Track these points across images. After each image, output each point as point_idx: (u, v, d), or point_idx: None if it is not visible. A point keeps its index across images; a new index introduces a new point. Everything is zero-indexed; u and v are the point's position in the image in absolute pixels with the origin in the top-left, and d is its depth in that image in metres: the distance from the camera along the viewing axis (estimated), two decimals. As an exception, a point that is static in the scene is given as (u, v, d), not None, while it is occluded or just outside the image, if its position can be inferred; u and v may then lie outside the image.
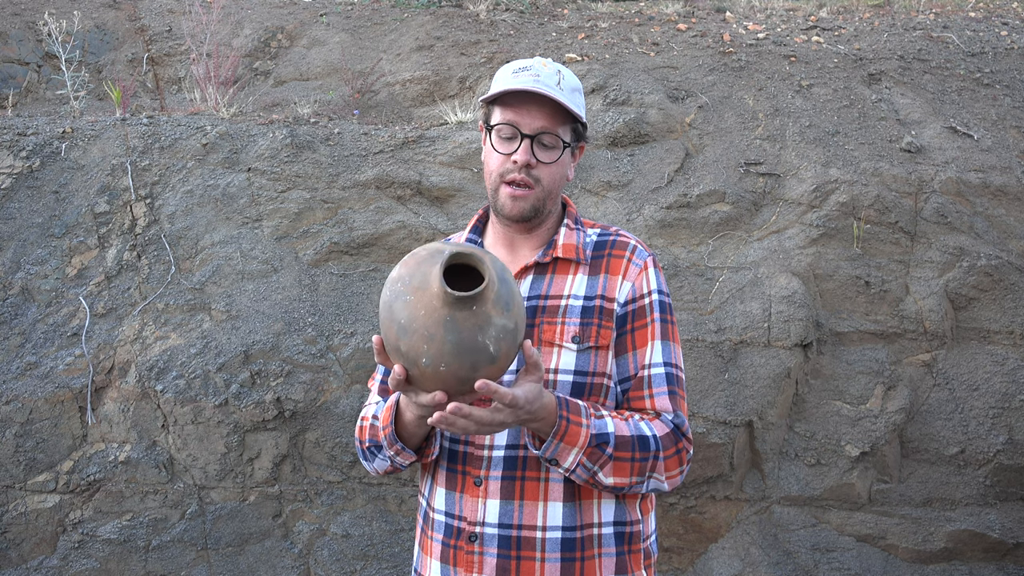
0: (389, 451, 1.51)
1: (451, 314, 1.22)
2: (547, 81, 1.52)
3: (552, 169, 1.56)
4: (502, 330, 1.25)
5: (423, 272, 1.26)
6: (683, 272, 3.68)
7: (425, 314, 1.23)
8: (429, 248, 1.31)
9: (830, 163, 3.94)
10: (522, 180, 1.54)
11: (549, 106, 1.53)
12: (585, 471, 1.41)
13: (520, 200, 1.55)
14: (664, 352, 1.53)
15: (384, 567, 3.27)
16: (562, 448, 1.39)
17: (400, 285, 1.27)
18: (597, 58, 4.66)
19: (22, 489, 3.19)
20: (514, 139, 1.55)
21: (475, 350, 1.23)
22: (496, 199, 1.58)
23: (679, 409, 1.52)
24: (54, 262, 3.52)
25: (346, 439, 3.30)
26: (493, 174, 1.57)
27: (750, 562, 3.34)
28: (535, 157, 1.54)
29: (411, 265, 1.29)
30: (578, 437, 1.39)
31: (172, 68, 5.39)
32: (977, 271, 3.66)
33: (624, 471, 1.42)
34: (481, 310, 1.22)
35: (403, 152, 3.99)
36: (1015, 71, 4.63)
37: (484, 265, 1.25)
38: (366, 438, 1.57)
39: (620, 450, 1.41)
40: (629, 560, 1.51)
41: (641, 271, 1.57)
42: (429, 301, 1.23)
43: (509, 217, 1.57)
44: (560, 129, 1.55)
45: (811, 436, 3.45)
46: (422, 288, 1.24)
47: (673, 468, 1.48)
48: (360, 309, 3.52)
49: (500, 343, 1.24)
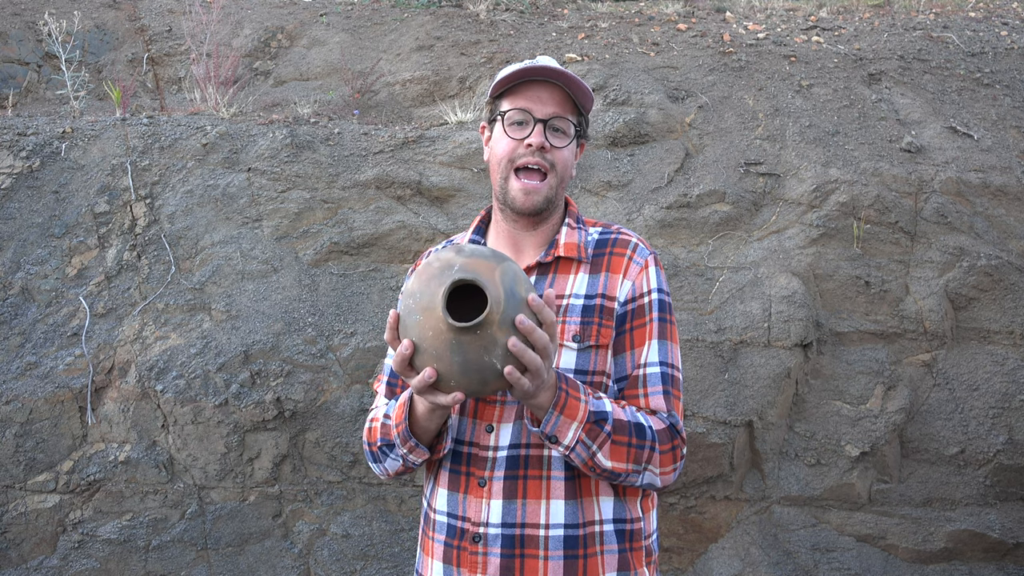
0: (402, 448, 1.50)
1: (456, 338, 1.25)
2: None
3: (564, 154, 1.57)
4: (508, 347, 1.27)
5: (431, 292, 1.28)
6: (683, 272, 3.68)
7: (433, 335, 1.27)
8: (441, 260, 1.32)
9: (830, 163, 3.94)
10: (537, 163, 1.54)
11: (560, 93, 1.55)
12: (585, 449, 1.40)
13: (533, 194, 1.55)
14: (661, 352, 1.53)
15: (384, 567, 3.27)
16: (562, 422, 1.38)
17: (412, 301, 1.30)
18: (597, 58, 4.66)
19: (22, 489, 3.19)
20: (526, 124, 1.55)
21: (482, 368, 1.27)
22: (506, 191, 1.57)
23: (673, 409, 1.52)
24: (54, 262, 3.52)
25: (346, 439, 3.30)
26: (503, 161, 1.56)
27: (750, 562, 3.34)
28: (548, 142, 1.54)
29: (423, 280, 1.30)
30: (577, 411, 1.38)
31: (172, 68, 5.39)
32: (977, 271, 3.66)
33: (621, 455, 1.42)
34: (486, 333, 1.25)
35: (403, 152, 3.99)
36: (1015, 71, 4.63)
37: (488, 288, 1.26)
38: (377, 438, 1.56)
39: (618, 432, 1.41)
40: (631, 557, 1.51)
41: (642, 270, 1.56)
42: (436, 324, 1.26)
43: (520, 211, 1.56)
44: (570, 116, 1.57)
45: (811, 436, 3.45)
46: (429, 309, 1.27)
47: (668, 464, 1.47)
48: (360, 309, 3.52)
49: (508, 359, 1.27)
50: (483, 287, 1.26)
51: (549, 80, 1.56)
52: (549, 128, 1.55)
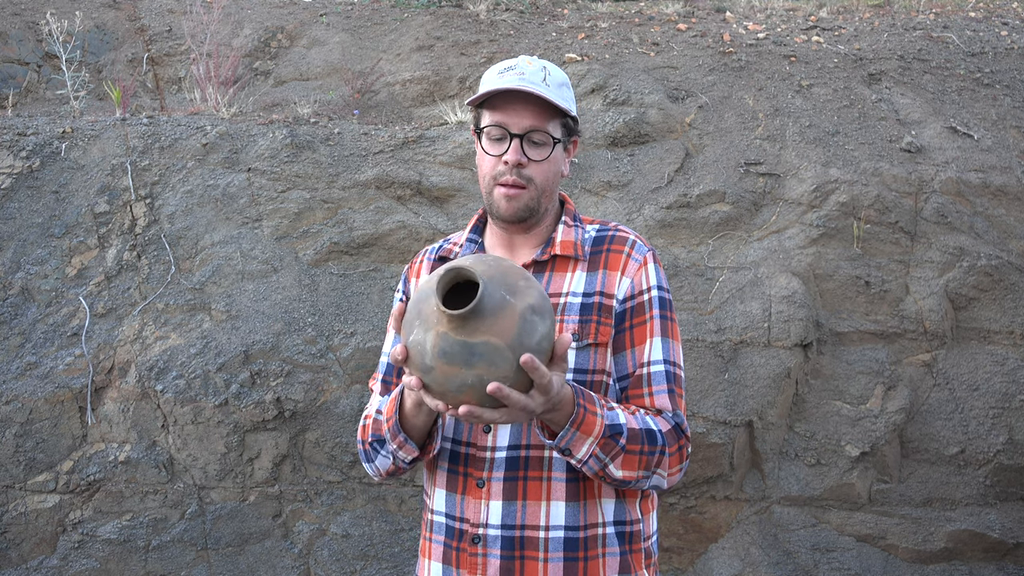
0: (392, 444, 1.48)
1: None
2: (532, 79, 1.51)
3: (544, 167, 1.55)
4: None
5: (417, 328, 1.26)
6: (683, 272, 3.68)
7: (419, 359, 1.26)
8: (423, 292, 1.29)
9: (830, 163, 3.94)
10: (514, 182, 1.53)
11: (536, 103, 1.52)
12: (597, 462, 1.39)
13: (513, 200, 1.54)
14: (663, 349, 1.52)
15: (384, 567, 3.27)
16: (578, 437, 1.36)
17: (406, 333, 1.29)
18: (597, 58, 4.66)
19: (22, 489, 3.19)
20: (503, 140, 1.54)
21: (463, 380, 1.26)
22: (491, 201, 1.57)
23: (678, 408, 1.51)
24: (54, 262, 3.52)
25: (346, 439, 3.30)
26: (486, 177, 1.56)
27: (750, 562, 3.34)
28: (526, 156, 1.53)
29: (411, 315, 1.29)
30: (594, 426, 1.37)
31: (172, 68, 5.39)
32: (977, 271, 3.66)
33: (633, 464, 1.41)
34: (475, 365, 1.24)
35: (403, 152, 3.99)
36: (1015, 71, 4.63)
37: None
38: (368, 435, 1.55)
39: (631, 443, 1.40)
40: (631, 560, 1.51)
41: (640, 267, 1.56)
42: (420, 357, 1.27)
43: (504, 218, 1.56)
44: (549, 125, 1.54)
45: (811, 436, 3.45)
46: (416, 348, 1.27)
47: (674, 465, 1.47)
48: (360, 309, 3.52)
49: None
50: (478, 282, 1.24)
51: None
52: (527, 142, 1.53)
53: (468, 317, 1.19)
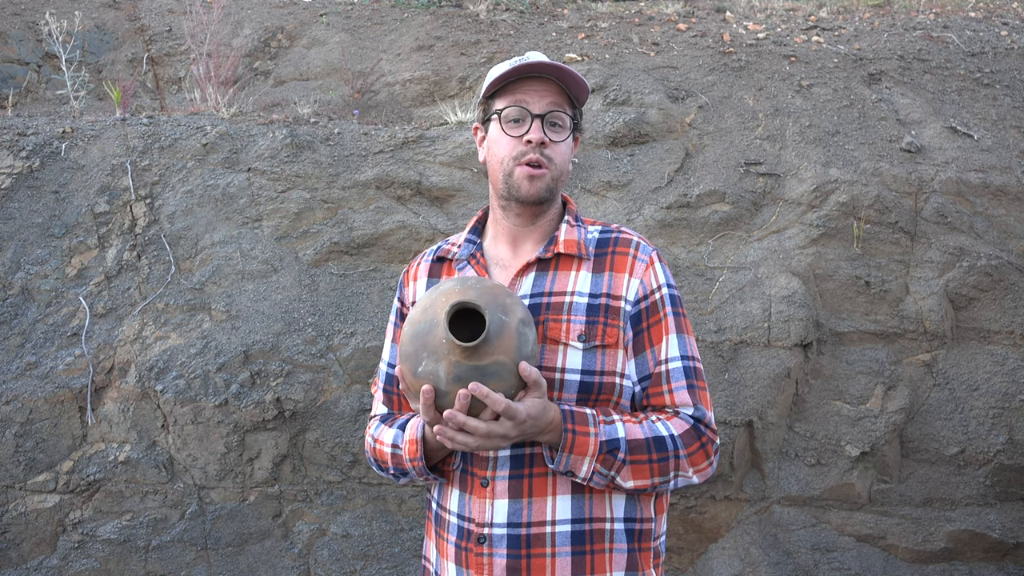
0: (418, 479, 1.57)
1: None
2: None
3: (562, 148, 1.57)
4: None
5: (426, 360, 1.37)
6: (683, 272, 3.68)
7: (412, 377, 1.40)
8: (425, 323, 1.38)
9: (830, 163, 3.94)
10: (537, 160, 1.53)
11: (554, 87, 1.54)
12: (602, 477, 1.42)
13: (536, 180, 1.54)
14: (680, 345, 1.53)
15: (384, 567, 3.27)
16: (574, 460, 1.40)
17: (412, 363, 1.39)
18: (597, 58, 4.66)
19: (22, 489, 3.19)
20: (522, 121, 1.54)
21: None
22: (510, 183, 1.56)
23: (699, 402, 1.51)
24: (54, 262, 3.52)
25: (346, 439, 3.30)
26: (505, 159, 1.56)
27: (750, 562, 3.34)
28: (547, 136, 1.54)
29: (415, 346, 1.37)
30: (587, 447, 1.39)
31: (172, 68, 5.39)
32: (977, 271, 3.66)
33: (643, 473, 1.42)
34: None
35: (403, 152, 3.99)
36: (1015, 71, 4.63)
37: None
38: (389, 465, 1.58)
39: (635, 453, 1.41)
40: (640, 558, 1.50)
41: (648, 267, 1.56)
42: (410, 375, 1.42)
43: (524, 199, 1.56)
44: (567, 107, 1.57)
45: (811, 436, 3.45)
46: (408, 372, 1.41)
47: (700, 462, 1.47)
48: (360, 309, 3.52)
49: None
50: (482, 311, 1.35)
51: (543, 75, 1.55)
52: (547, 123, 1.54)
53: (479, 346, 1.31)
